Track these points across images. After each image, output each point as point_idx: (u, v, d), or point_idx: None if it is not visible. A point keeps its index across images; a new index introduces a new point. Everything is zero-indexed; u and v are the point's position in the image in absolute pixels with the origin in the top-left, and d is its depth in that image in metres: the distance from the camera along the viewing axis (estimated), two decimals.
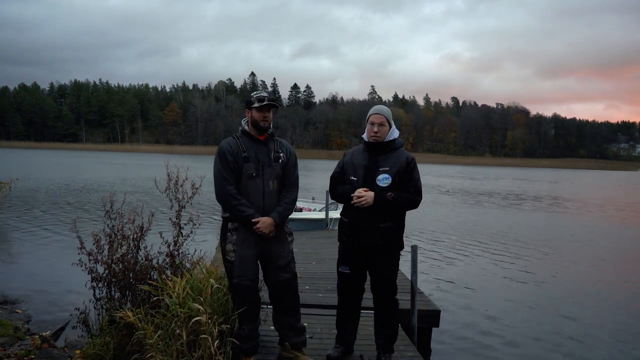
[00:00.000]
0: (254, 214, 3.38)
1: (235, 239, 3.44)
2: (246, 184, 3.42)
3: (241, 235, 3.43)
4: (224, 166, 3.39)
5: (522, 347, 6.11)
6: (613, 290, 9.09)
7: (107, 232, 4.09)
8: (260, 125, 3.46)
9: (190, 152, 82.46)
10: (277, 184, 3.51)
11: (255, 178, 3.42)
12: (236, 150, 3.42)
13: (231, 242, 3.44)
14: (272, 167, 3.47)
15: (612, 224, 18.87)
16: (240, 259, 3.42)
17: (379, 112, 3.62)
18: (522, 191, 33.81)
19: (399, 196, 3.51)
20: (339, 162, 3.80)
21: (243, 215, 3.37)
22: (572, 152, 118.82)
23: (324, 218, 11.79)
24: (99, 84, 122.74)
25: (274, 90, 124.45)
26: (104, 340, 3.68)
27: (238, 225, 3.44)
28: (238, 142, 3.47)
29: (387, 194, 3.49)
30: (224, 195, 3.39)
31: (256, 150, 3.46)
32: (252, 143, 3.48)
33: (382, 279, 3.67)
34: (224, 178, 3.38)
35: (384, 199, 3.48)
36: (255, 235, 3.40)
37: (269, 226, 3.39)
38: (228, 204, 3.40)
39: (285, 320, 3.65)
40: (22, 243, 10.98)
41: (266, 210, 3.44)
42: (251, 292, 3.47)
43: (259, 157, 3.45)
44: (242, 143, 3.46)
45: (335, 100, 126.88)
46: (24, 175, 26.73)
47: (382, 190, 3.50)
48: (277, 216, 3.45)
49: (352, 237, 3.64)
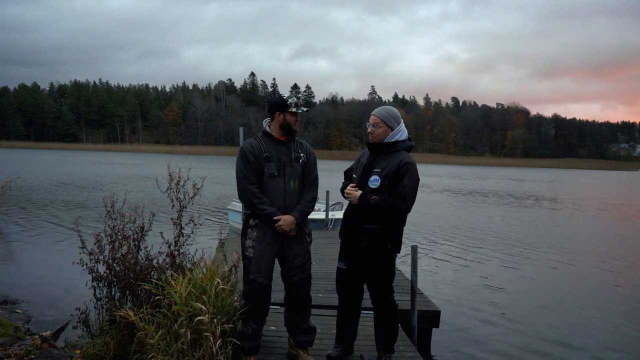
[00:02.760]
0: (275, 212, 3.43)
1: (255, 235, 3.49)
2: (267, 183, 3.47)
3: (261, 232, 3.49)
4: (245, 166, 3.45)
5: (523, 347, 6.12)
6: (613, 289, 9.10)
7: (108, 232, 4.10)
8: (293, 129, 3.54)
9: (191, 152, 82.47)
10: (297, 183, 3.56)
11: (276, 177, 3.48)
12: (258, 150, 3.48)
13: (251, 238, 3.50)
14: (293, 167, 3.53)
15: (612, 224, 18.88)
16: (259, 256, 3.47)
17: (374, 113, 3.65)
18: (522, 191, 33.81)
19: (382, 201, 3.47)
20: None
21: (264, 213, 3.42)
22: (572, 152, 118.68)
23: (324, 218, 11.80)
24: (99, 84, 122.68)
25: (274, 90, 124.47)
26: (104, 340, 3.68)
27: (259, 222, 3.49)
28: (260, 143, 3.52)
29: (371, 197, 3.49)
30: (246, 194, 3.45)
31: (277, 151, 3.52)
32: (273, 144, 3.53)
33: (373, 281, 3.68)
34: (245, 177, 3.45)
35: (367, 201, 3.49)
36: (275, 233, 3.45)
37: (290, 224, 3.44)
38: (250, 202, 3.45)
39: (294, 319, 3.71)
40: (23, 243, 10.99)
41: (287, 208, 3.49)
42: (264, 291, 3.52)
43: (280, 157, 3.51)
44: (264, 144, 3.52)
45: (335, 100, 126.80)
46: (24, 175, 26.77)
47: (371, 191, 3.51)
48: (298, 214, 3.50)
49: (347, 234, 3.72)
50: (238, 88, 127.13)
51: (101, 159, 56.30)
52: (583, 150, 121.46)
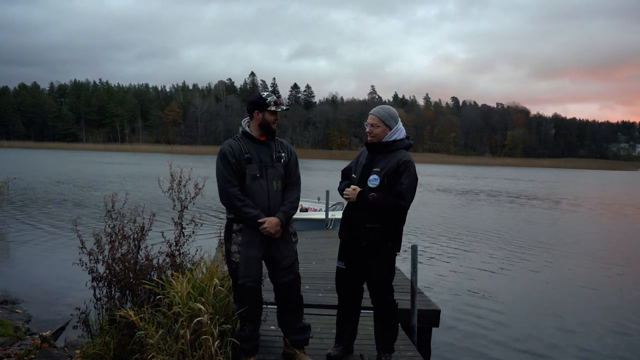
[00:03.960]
0: (259, 215, 3.38)
1: (241, 240, 3.43)
2: (250, 185, 3.41)
3: (246, 237, 3.43)
4: (226, 168, 3.37)
5: (523, 347, 6.12)
6: (614, 289, 9.10)
7: (108, 231, 4.10)
8: (272, 128, 3.47)
9: (191, 152, 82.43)
10: (280, 184, 3.51)
11: (259, 179, 3.42)
12: (238, 151, 3.41)
13: (236, 243, 3.44)
14: (275, 168, 3.47)
15: (611, 224, 18.88)
16: (246, 260, 3.42)
17: (372, 113, 3.64)
18: (522, 191, 33.80)
19: (380, 198, 3.48)
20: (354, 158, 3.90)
21: (249, 216, 3.36)
22: (572, 152, 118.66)
23: (324, 218, 11.80)
24: (99, 84, 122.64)
25: (274, 90, 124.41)
26: (104, 340, 3.68)
27: (243, 226, 3.43)
28: (240, 144, 3.45)
29: (369, 194, 3.50)
30: (228, 198, 3.38)
31: (258, 151, 3.45)
32: (253, 144, 3.46)
33: (373, 280, 3.67)
34: (227, 180, 3.37)
35: (366, 199, 3.49)
36: (261, 236, 3.41)
37: (275, 226, 3.40)
38: (233, 205, 3.38)
39: (287, 319, 3.69)
40: (22, 243, 10.99)
41: (271, 210, 3.45)
42: (255, 294, 3.48)
43: (261, 158, 3.44)
44: (244, 144, 3.45)
45: (335, 100, 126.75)
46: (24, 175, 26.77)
47: (370, 190, 3.52)
48: (283, 216, 3.46)
49: (346, 233, 3.71)
50: (238, 88, 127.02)
51: (101, 158, 56.29)
52: (583, 150, 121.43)
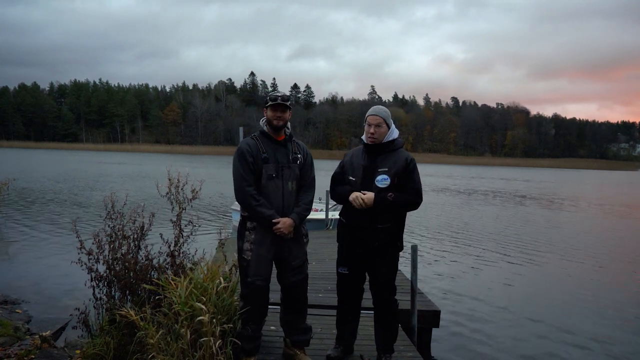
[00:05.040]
0: (274, 215, 3.40)
1: (253, 238, 3.46)
2: (266, 185, 3.43)
3: (259, 235, 3.45)
4: (243, 167, 3.40)
5: (523, 347, 6.12)
6: (614, 289, 9.09)
7: (108, 231, 4.10)
8: (274, 124, 3.47)
9: (190, 152, 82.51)
10: (295, 184, 3.53)
11: (275, 179, 3.44)
12: (255, 151, 3.43)
13: (249, 240, 3.47)
14: (290, 169, 3.49)
15: (612, 224, 18.87)
16: (257, 259, 3.44)
17: (376, 114, 3.59)
18: (521, 191, 33.81)
19: (399, 197, 3.49)
20: (340, 162, 3.79)
21: (263, 215, 3.38)
22: (572, 152, 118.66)
23: (324, 218, 11.80)
24: (99, 84, 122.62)
25: (273, 90, 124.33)
26: (104, 340, 3.68)
27: (256, 224, 3.45)
28: (257, 143, 3.47)
29: (387, 194, 3.47)
30: (244, 196, 3.40)
31: (275, 151, 3.47)
32: (270, 144, 3.49)
33: (380, 281, 3.67)
34: (243, 179, 3.39)
35: (384, 199, 3.46)
36: (273, 235, 3.43)
37: (289, 227, 3.42)
38: (248, 204, 3.40)
39: (291, 319, 3.70)
40: (22, 243, 10.99)
41: (285, 210, 3.46)
42: (263, 292, 3.51)
43: (278, 158, 3.46)
44: (262, 144, 3.47)
45: (335, 100, 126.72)
46: (24, 175, 26.77)
47: (381, 191, 3.49)
48: (297, 217, 3.47)
49: (351, 237, 3.65)
50: (238, 88, 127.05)
51: (101, 158, 56.29)
52: (583, 150, 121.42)
